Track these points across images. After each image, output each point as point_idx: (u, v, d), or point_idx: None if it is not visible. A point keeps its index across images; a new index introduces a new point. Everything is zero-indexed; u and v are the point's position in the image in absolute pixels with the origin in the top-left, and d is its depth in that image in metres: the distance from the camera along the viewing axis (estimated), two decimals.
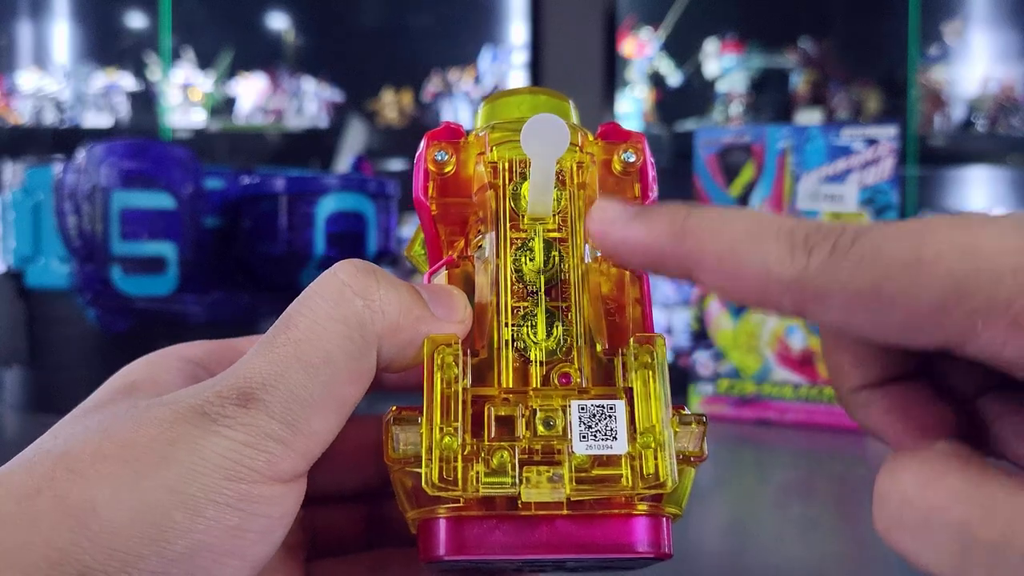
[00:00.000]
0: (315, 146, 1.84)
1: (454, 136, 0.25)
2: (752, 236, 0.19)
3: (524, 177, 0.24)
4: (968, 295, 0.17)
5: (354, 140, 1.49)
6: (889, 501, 0.18)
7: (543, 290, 0.23)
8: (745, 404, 0.91)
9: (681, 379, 0.95)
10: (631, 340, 0.22)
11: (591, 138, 0.25)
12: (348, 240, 0.81)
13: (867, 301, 0.18)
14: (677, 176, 1.15)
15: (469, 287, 0.24)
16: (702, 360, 0.94)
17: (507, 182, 0.24)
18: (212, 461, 0.20)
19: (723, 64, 1.81)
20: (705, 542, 0.51)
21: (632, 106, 1.82)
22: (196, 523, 0.19)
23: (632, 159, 0.25)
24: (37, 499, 0.19)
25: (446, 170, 0.25)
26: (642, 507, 0.21)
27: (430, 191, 0.25)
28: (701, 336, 0.94)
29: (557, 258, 0.23)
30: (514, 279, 0.23)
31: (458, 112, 1.91)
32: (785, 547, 0.52)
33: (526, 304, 0.23)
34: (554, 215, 0.24)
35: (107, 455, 0.20)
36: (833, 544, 0.54)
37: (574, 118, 0.27)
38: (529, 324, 0.23)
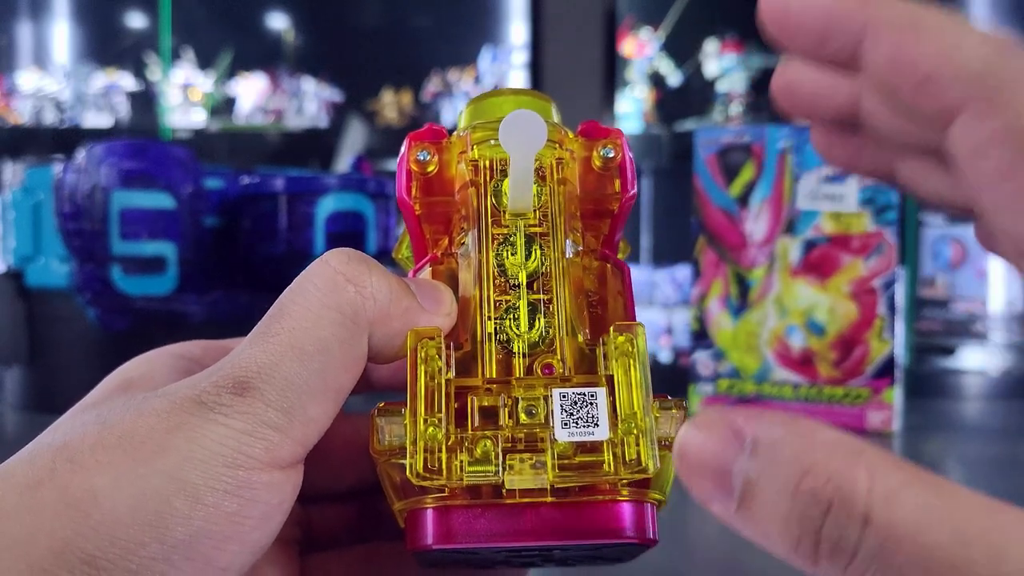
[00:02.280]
0: (315, 146, 1.84)
1: (436, 137, 0.25)
2: (950, 20, 0.19)
3: (505, 174, 0.24)
4: None
5: (354, 140, 1.50)
6: None
7: (525, 284, 0.23)
8: (745, 404, 0.91)
9: (681, 379, 0.95)
10: (611, 329, 0.23)
11: (571, 135, 0.26)
12: (348, 240, 0.82)
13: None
14: (677, 176, 1.15)
15: (453, 283, 0.25)
16: (702, 360, 0.94)
17: (488, 179, 0.25)
18: (211, 449, 0.20)
19: (723, 64, 1.80)
20: (705, 541, 0.51)
21: (632, 106, 1.82)
22: (196, 510, 0.20)
23: (611, 155, 0.25)
24: (39, 491, 0.19)
25: (428, 169, 0.25)
26: (625, 492, 0.21)
27: (413, 191, 0.25)
28: (701, 336, 0.94)
29: (538, 252, 0.24)
30: (496, 273, 0.24)
31: (458, 112, 1.91)
32: None
33: (508, 298, 0.23)
34: (535, 210, 0.24)
35: (106, 445, 0.20)
36: None
37: (555, 118, 0.27)
38: (512, 317, 0.23)
